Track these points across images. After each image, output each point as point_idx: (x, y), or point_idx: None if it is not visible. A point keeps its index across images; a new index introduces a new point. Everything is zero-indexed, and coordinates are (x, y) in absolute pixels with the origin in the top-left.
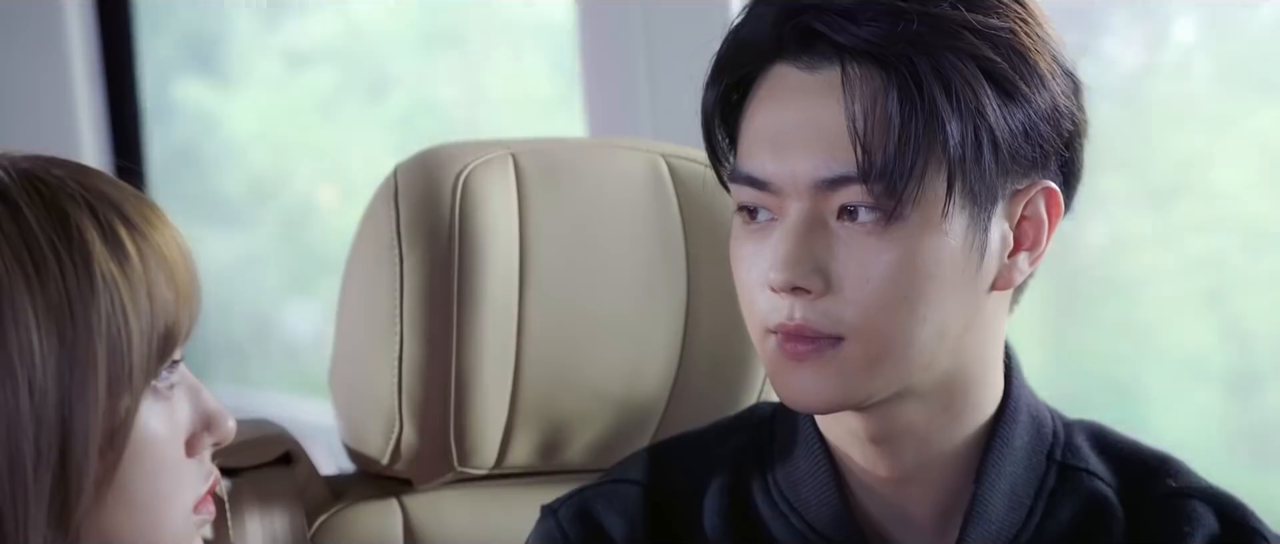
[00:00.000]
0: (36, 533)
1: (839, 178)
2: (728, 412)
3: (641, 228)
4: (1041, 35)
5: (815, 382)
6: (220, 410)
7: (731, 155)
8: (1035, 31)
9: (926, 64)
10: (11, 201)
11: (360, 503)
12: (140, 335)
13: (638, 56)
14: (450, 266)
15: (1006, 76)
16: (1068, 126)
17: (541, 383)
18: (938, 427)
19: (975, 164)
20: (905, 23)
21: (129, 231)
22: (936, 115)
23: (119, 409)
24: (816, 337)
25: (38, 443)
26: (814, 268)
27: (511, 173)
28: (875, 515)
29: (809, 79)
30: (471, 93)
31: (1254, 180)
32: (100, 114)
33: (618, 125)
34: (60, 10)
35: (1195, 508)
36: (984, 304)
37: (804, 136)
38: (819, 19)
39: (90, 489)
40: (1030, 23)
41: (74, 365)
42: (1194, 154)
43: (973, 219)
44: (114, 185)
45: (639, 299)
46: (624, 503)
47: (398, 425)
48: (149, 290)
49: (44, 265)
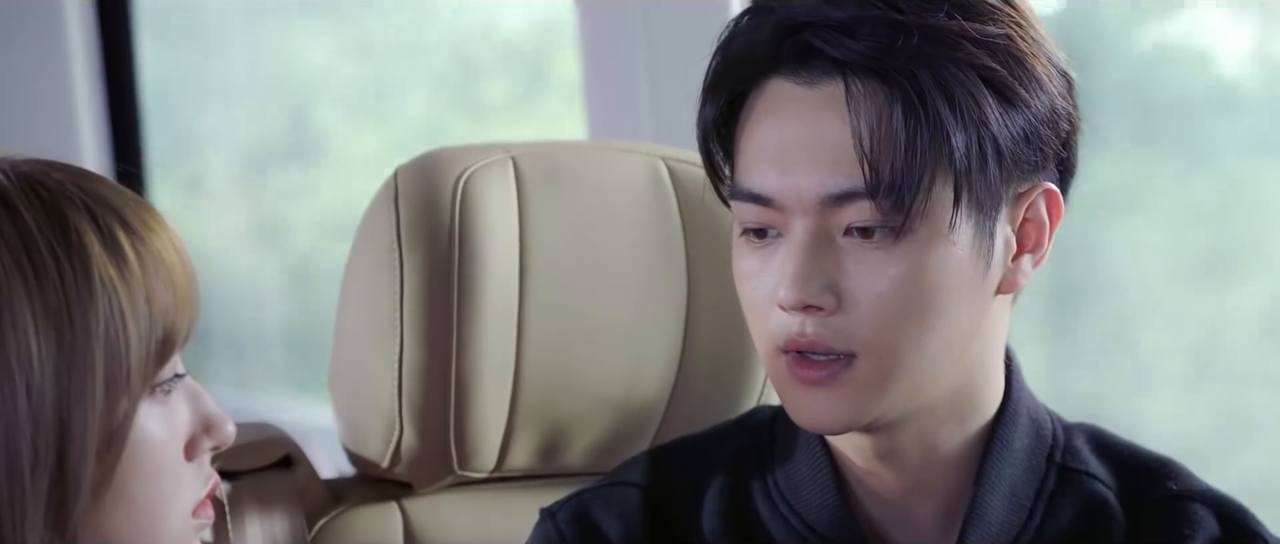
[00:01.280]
0: (33, 534)
1: (846, 193)
2: (728, 414)
3: (641, 231)
4: (1036, 37)
5: (829, 405)
6: (220, 414)
7: (728, 170)
8: (1030, 35)
9: (928, 77)
10: (11, 205)
11: (360, 506)
12: (138, 339)
13: (638, 60)
14: (450, 270)
15: (1006, 83)
16: (1065, 126)
17: (541, 386)
18: (940, 437)
19: (980, 173)
20: (904, 36)
21: (128, 236)
22: (941, 128)
23: (117, 412)
24: (828, 353)
25: (35, 445)
26: (825, 285)
27: (511, 176)
28: (876, 517)
29: (809, 94)
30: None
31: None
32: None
33: (618, 128)
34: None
35: (1196, 511)
36: (989, 309)
37: (808, 152)
38: (817, 36)
39: (87, 491)
40: (1024, 26)
41: (72, 368)
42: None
43: (979, 227)
44: (113, 189)
45: (639, 302)
46: (623, 506)
47: (398, 428)
48: (147, 294)
49: (43, 269)
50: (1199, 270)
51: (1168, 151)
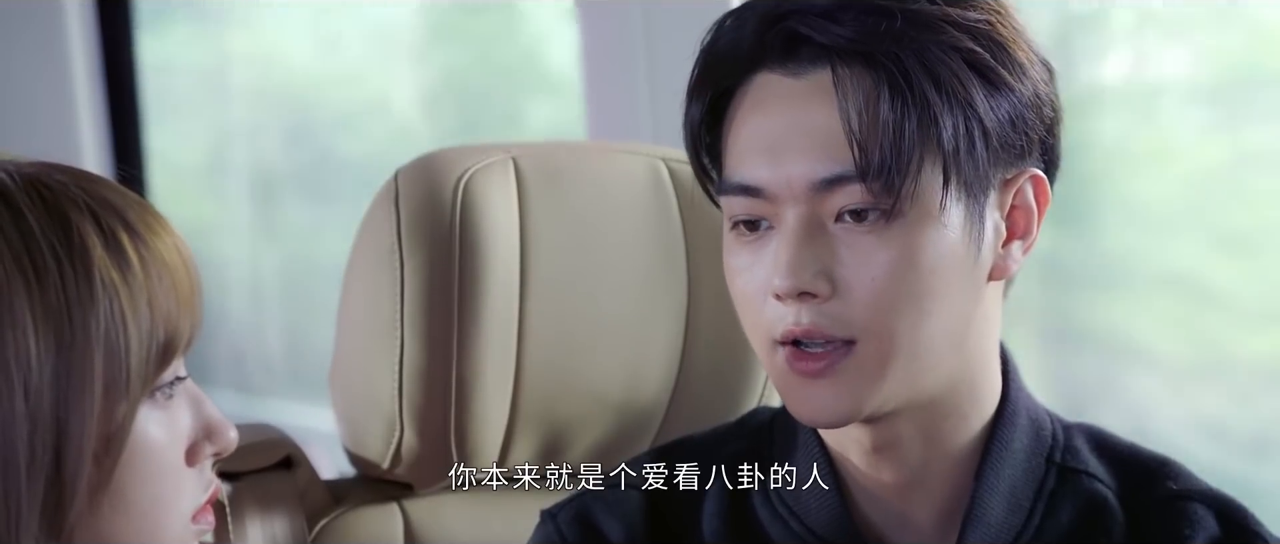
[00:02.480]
0: (28, 536)
1: (837, 177)
2: (728, 415)
3: (642, 231)
4: (1016, 25)
5: (830, 396)
6: (222, 421)
7: (715, 169)
8: (1010, 22)
9: (914, 60)
10: (14, 205)
11: (361, 507)
12: (139, 342)
13: (638, 60)
14: (451, 270)
15: (991, 67)
16: (1048, 113)
17: (542, 387)
18: (941, 432)
19: (969, 156)
20: (888, 20)
21: (131, 238)
22: (929, 109)
23: (116, 415)
24: (827, 342)
25: (32, 445)
26: (819, 271)
27: (512, 176)
28: (875, 519)
29: (795, 84)
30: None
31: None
32: (101, 119)
33: (618, 129)
34: (61, 14)
35: (1196, 510)
36: (983, 296)
37: (796, 141)
38: (802, 23)
39: (83, 493)
40: (1004, 13)
41: (71, 370)
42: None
43: (969, 210)
44: (118, 192)
45: (639, 303)
46: (624, 507)
47: (398, 429)
48: (150, 298)
49: (44, 270)
50: None
51: None
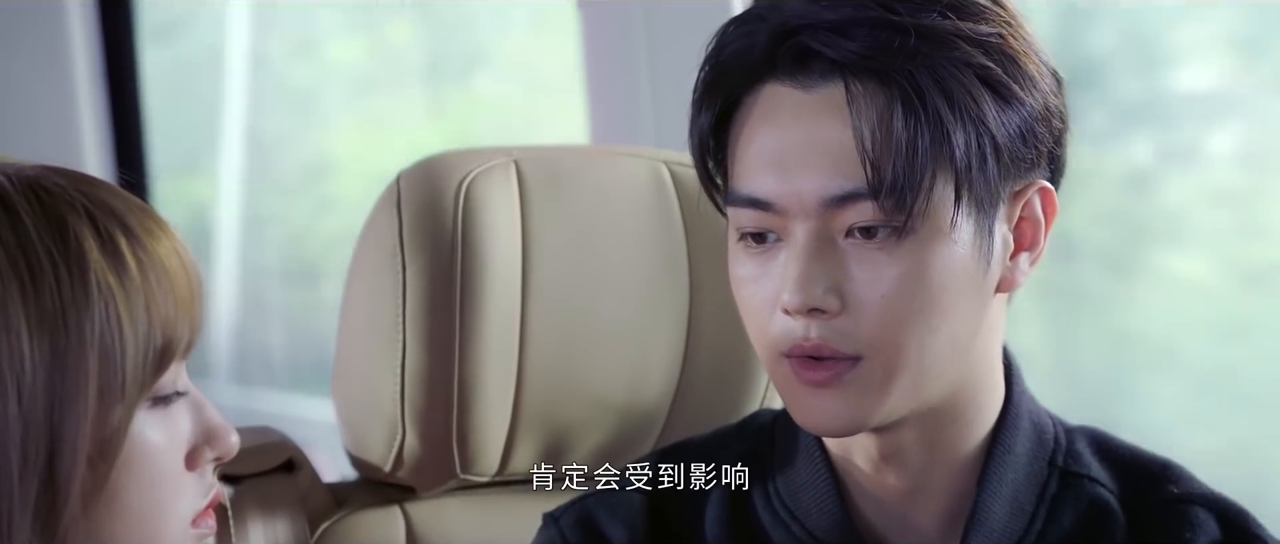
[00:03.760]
0: (21, 538)
1: (848, 194)
2: (730, 418)
3: (644, 235)
4: (1026, 36)
5: (836, 407)
6: (223, 426)
7: (722, 179)
8: (1021, 34)
9: (927, 76)
10: (11, 209)
11: (363, 510)
12: (135, 346)
13: (640, 63)
14: (453, 274)
15: (1002, 82)
16: (1057, 124)
17: (544, 390)
18: (945, 438)
19: (980, 171)
20: (900, 36)
21: (129, 242)
22: (942, 126)
23: (111, 419)
24: (834, 358)
25: (25, 448)
26: (829, 287)
27: (514, 180)
28: (877, 523)
29: (805, 98)
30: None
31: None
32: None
33: (620, 132)
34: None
35: (1197, 514)
36: (989, 308)
37: (808, 156)
38: (814, 38)
39: (77, 497)
40: (1015, 26)
41: (65, 374)
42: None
43: (979, 225)
44: (118, 196)
45: (641, 306)
46: (626, 510)
47: (400, 432)
48: (147, 302)
49: (39, 273)
50: None
51: None
